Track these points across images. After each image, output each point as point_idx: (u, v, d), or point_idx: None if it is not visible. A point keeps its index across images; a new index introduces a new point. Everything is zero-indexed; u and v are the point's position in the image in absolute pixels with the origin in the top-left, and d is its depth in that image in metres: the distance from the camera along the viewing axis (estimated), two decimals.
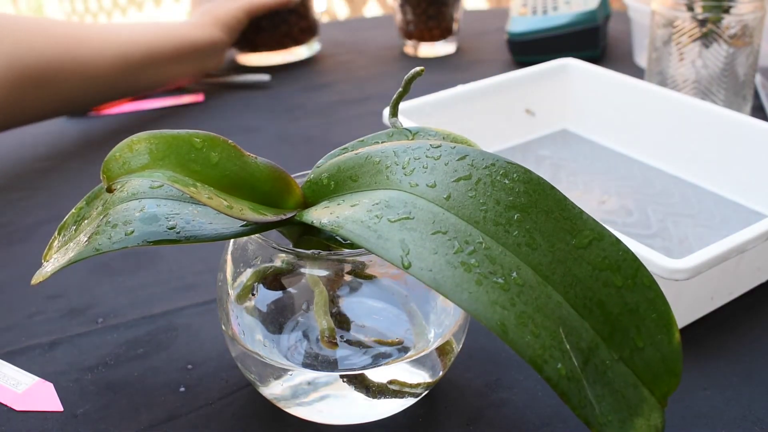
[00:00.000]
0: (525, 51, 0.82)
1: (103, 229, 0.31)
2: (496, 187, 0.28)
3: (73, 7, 3.06)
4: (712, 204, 0.53)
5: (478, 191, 0.28)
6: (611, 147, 0.62)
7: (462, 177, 0.28)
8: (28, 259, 0.52)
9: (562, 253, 0.27)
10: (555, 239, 0.27)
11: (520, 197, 0.27)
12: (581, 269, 0.27)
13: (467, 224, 0.27)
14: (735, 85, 0.62)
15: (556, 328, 0.26)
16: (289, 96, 0.79)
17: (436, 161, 0.29)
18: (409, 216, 0.27)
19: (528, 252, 0.27)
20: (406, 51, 0.90)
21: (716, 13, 0.60)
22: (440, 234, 0.27)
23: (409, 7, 0.87)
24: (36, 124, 0.74)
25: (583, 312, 0.26)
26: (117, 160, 0.28)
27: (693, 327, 0.42)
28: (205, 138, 0.30)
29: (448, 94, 0.59)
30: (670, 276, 0.38)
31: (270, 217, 0.30)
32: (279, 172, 0.32)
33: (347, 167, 0.31)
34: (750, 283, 0.44)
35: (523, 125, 0.64)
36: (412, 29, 0.88)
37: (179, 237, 0.31)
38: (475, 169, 0.28)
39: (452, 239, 0.26)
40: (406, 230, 0.27)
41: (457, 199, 0.28)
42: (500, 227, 0.27)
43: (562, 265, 0.27)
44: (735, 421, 0.36)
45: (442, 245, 0.26)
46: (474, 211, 0.27)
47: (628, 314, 0.27)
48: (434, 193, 0.28)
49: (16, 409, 0.38)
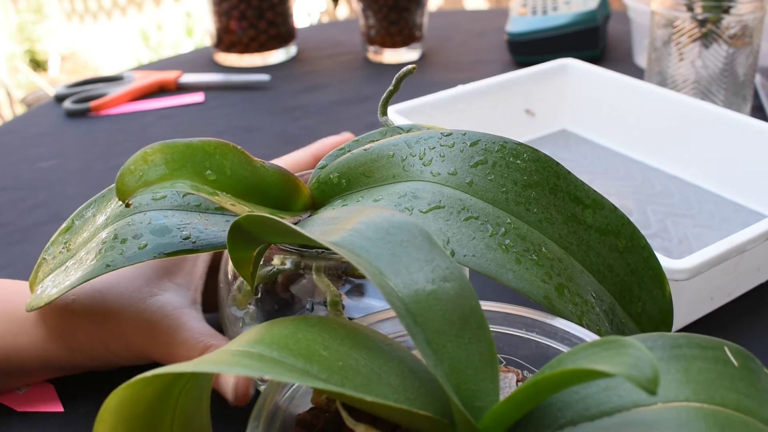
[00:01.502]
0: (525, 51, 0.82)
1: (111, 245, 0.31)
2: (511, 168, 0.29)
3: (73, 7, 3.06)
4: (711, 204, 0.53)
5: (496, 174, 0.29)
6: (611, 147, 0.62)
7: (479, 162, 0.29)
8: (28, 259, 0.52)
9: (574, 224, 0.29)
10: (567, 212, 0.29)
11: (533, 176, 0.29)
12: (591, 237, 0.29)
13: (494, 207, 0.28)
14: (735, 85, 0.62)
15: (587, 294, 0.28)
16: (289, 96, 0.79)
17: (450, 149, 0.29)
18: (439, 205, 0.28)
19: (548, 227, 0.28)
20: (369, 57, 0.88)
21: (716, 13, 0.60)
22: (473, 219, 0.28)
23: (371, 12, 0.85)
24: (36, 124, 0.75)
25: (599, 276, 0.29)
26: (133, 173, 0.27)
27: (693, 327, 0.42)
28: (216, 145, 0.29)
29: (448, 94, 0.59)
30: (670, 276, 0.38)
31: (290, 219, 0.30)
32: (287, 176, 0.32)
33: (358, 164, 0.31)
34: (750, 284, 0.44)
35: (523, 125, 0.64)
36: (374, 34, 0.86)
37: (195, 247, 0.30)
38: (489, 153, 0.29)
39: (484, 223, 0.28)
40: (441, 219, 0.28)
41: (479, 183, 0.29)
42: (521, 206, 0.28)
43: (576, 235, 0.29)
44: None
45: (478, 230, 0.27)
46: (496, 193, 0.28)
47: (630, 274, 0.30)
48: (457, 180, 0.29)
49: (17, 410, 0.38)
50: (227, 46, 0.87)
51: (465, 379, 0.24)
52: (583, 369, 0.21)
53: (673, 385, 0.23)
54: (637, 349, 0.20)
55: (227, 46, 0.87)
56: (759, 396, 0.24)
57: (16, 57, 2.77)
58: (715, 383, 0.24)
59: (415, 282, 0.24)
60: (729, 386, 0.24)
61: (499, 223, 0.28)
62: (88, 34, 3.02)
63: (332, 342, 0.24)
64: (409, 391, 0.24)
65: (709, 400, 0.23)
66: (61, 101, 0.79)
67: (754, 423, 0.23)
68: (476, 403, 0.24)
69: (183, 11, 2.93)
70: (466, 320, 0.25)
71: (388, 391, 0.24)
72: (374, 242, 0.25)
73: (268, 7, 0.85)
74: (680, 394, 0.23)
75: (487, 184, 0.29)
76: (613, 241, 0.29)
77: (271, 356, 0.22)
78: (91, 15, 3.08)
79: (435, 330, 0.24)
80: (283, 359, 0.22)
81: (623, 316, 0.29)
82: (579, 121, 0.64)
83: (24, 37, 2.84)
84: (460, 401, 0.24)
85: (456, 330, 0.24)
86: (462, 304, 0.25)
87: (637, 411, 0.23)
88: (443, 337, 0.24)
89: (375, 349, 0.25)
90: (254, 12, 0.85)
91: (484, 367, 0.24)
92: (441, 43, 0.93)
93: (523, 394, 0.22)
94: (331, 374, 0.23)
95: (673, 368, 0.24)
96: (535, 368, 0.29)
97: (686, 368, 0.24)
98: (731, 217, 0.52)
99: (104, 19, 3.09)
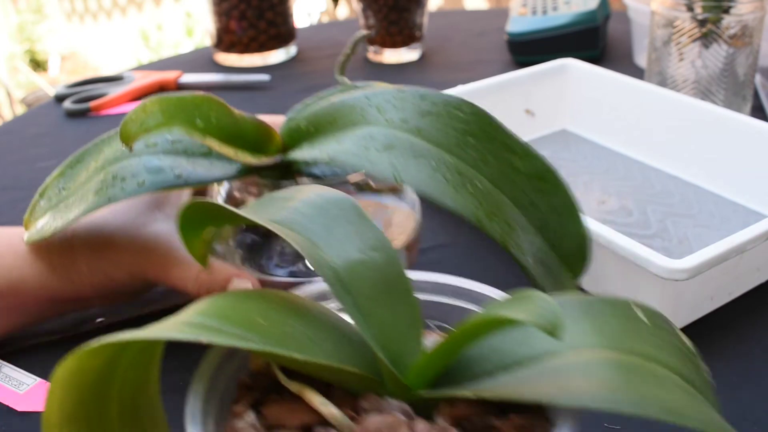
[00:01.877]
0: (525, 51, 0.82)
1: (111, 183, 0.36)
2: (453, 118, 0.35)
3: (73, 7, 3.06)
4: (711, 204, 0.53)
5: (440, 123, 0.34)
6: (611, 147, 0.62)
7: (426, 112, 0.35)
8: None
9: (506, 167, 0.34)
10: (499, 157, 0.34)
11: (472, 126, 0.35)
12: (519, 179, 0.35)
13: (437, 148, 0.34)
14: (735, 85, 0.62)
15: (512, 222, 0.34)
16: (289, 96, 0.79)
17: (403, 102, 0.35)
18: (392, 145, 0.34)
19: (483, 167, 0.34)
20: (369, 57, 0.88)
21: (716, 13, 0.60)
22: (420, 157, 0.33)
23: (371, 12, 0.85)
24: (36, 124, 0.75)
25: (524, 211, 0.34)
26: (134, 121, 0.32)
27: (693, 327, 0.42)
28: (204, 98, 0.35)
29: None
30: (670, 276, 0.38)
31: (267, 159, 0.37)
32: (263, 124, 0.38)
33: (324, 113, 0.37)
34: (750, 284, 0.44)
35: (523, 125, 0.64)
36: (374, 35, 0.86)
37: (186, 183, 0.36)
38: (435, 106, 0.35)
39: (429, 159, 0.33)
40: (393, 156, 0.33)
41: (425, 129, 0.34)
42: (460, 149, 0.34)
43: (506, 176, 0.34)
44: (734, 422, 0.36)
45: (423, 165, 0.33)
46: (440, 137, 0.34)
47: (551, 212, 0.35)
48: (407, 126, 0.34)
49: (18, 410, 0.38)
50: (227, 46, 0.87)
51: (392, 339, 0.26)
52: (494, 317, 0.23)
53: (582, 335, 0.26)
54: (544, 300, 0.22)
55: (227, 46, 0.87)
56: (664, 347, 0.26)
57: (16, 57, 2.77)
58: (622, 335, 0.26)
59: (346, 252, 0.27)
60: (635, 337, 0.26)
61: (441, 160, 0.33)
62: (88, 34, 3.02)
63: (270, 312, 0.26)
64: (341, 354, 0.26)
65: (615, 348, 0.25)
66: (61, 101, 0.79)
67: (656, 368, 0.25)
68: (403, 360, 0.26)
69: (183, 11, 2.93)
70: (392, 286, 0.27)
71: (322, 354, 0.26)
72: (310, 218, 0.28)
73: (268, 7, 0.85)
74: (588, 343, 0.25)
75: (432, 130, 0.34)
76: (538, 184, 0.35)
77: (212, 325, 0.24)
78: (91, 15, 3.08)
79: (364, 295, 0.27)
80: (222, 327, 0.24)
81: (543, 244, 0.34)
82: (579, 121, 0.64)
83: (24, 37, 2.84)
84: (388, 359, 0.26)
85: (383, 295, 0.27)
86: (388, 272, 0.27)
87: (549, 360, 0.25)
88: (371, 302, 0.27)
89: (310, 318, 0.27)
90: (254, 12, 0.85)
91: (410, 328, 0.27)
92: (441, 43, 0.93)
93: (442, 347, 0.25)
94: (268, 340, 0.24)
95: (584, 322, 0.26)
96: None
97: (596, 322, 0.26)
98: (731, 217, 0.52)
99: (104, 19, 3.09)
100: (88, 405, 0.25)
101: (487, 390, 0.25)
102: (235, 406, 0.26)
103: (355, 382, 0.26)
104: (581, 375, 0.24)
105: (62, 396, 0.24)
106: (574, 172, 0.59)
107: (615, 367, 0.24)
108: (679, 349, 0.26)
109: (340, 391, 0.26)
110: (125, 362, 0.26)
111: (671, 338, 0.27)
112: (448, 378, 0.26)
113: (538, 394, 0.23)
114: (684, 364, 0.26)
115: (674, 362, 0.25)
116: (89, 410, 0.25)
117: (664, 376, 0.25)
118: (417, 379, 0.26)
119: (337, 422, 0.25)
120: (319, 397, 0.26)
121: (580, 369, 0.24)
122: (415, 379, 0.26)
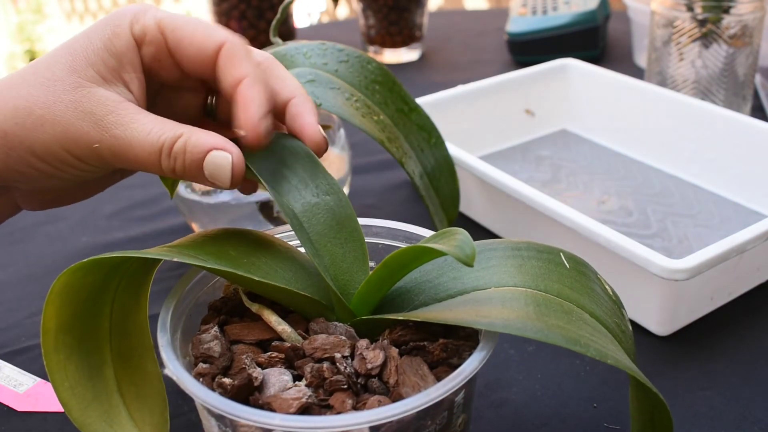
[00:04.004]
0: (525, 51, 0.82)
1: None
2: (364, 69, 0.45)
3: (73, 7, 3.06)
4: (711, 204, 0.53)
5: (354, 69, 0.44)
6: (611, 147, 0.62)
7: (343, 60, 0.45)
8: (28, 259, 0.52)
9: (401, 115, 0.45)
10: (397, 105, 0.45)
11: (377, 76, 0.45)
12: (412, 128, 0.45)
13: (350, 86, 0.44)
14: (735, 85, 0.62)
15: (410, 152, 0.44)
16: None
17: (325, 51, 0.44)
18: (314, 80, 0.43)
19: (385, 108, 0.44)
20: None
21: (716, 13, 0.60)
22: (336, 89, 0.42)
23: (371, 11, 0.85)
24: None
25: (417, 153, 0.45)
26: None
27: (693, 327, 0.42)
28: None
29: (448, 94, 0.59)
30: (670, 276, 0.38)
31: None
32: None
33: None
34: (750, 283, 0.44)
35: (523, 125, 0.64)
36: (374, 34, 0.86)
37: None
38: (349, 57, 0.45)
39: (343, 92, 0.43)
40: (314, 87, 0.42)
41: (341, 71, 0.44)
42: (368, 90, 0.44)
43: (402, 121, 0.45)
44: (734, 422, 0.36)
45: (338, 95, 0.42)
46: (353, 79, 0.44)
47: (436, 163, 0.46)
48: (327, 68, 0.44)
49: (17, 410, 0.38)
50: None
51: (341, 271, 0.31)
52: (420, 248, 0.27)
53: (506, 276, 0.30)
54: (464, 235, 0.25)
55: None
56: (582, 290, 0.30)
57: (16, 57, 2.77)
58: (543, 276, 0.30)
59: (303, 197, 0.32)
60: (556, 280, 0.30)
61: (352, 94, 0.43)
62: None
63: (240, 245, 0.31)
64: (299, 282, 0.31)
65: (534, 287, 0.29)
66: None
67: (569, 305, 0.28)
68: (350, 290, 0.31)
69: (183, 11, 2.93)
70: (343, 225, 0.32)
71: (282, 281, 0.30)
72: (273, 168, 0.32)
73: (268, 7, 0.85)
74: (510, 281, 0.29)
75: (346, 73, 0.44)
76: (426, 136, 0.46)
77: (188, 252, 0.29)
78: (91, 15, 3.08)
79: (318, 233, 0.31)
80: (197, 255, 0.29)
81: (430, 185, 0.45)
82: (579, 121, 0.64)
83: (24, 37, 2.84)
84: (337, 288, 0.30)
85: (334, 233, 0.32)
86: (339, 213, 0.32)
87: (475, 293, 0.29)
88: (324, 239, 0.31)
89: (275, 252, 0.32)
90: (254, 12, 0.85)
91: (357, 262, 0.31)
92: (441, 43, 0.93)
93: (379, 274, 0.29)
94: (236, 268, 0.29)
95: (510, 264, 0.30)
96: None
97: (521, 265, 0.30)
98: (731, 217, 0.52)
99: None
100: (82, 319, 0.29)
101: (417, 314, 0.29)
102: (205, 324, 0.31)
103: (309, 307, 0.30)
104: (499, 305, 0.28)
105: (59, 306, 0.28)
106: (573, 172, 0.59)
107: (529, 301, 0.28)
108: (596, 293, 0.30)
109: (296, 315, 0.31)
110: (117, 284, 0.30)
111: (591, 284, 0.30)
112: (388, 307, 0.31)
113: (459, 319, 0.27)
114: (598, 305, 0.29)
115: (586, 302, 0.29)
116: (83, 323, 0.29)
117: (571, 311, 0.28)
118: (360, 305, 0.30)
119: (289, 338, 0.29)
120: (274, 316, 0.30)
121: (499, 300, 0.28)
122: (358, 305, 0.30)
